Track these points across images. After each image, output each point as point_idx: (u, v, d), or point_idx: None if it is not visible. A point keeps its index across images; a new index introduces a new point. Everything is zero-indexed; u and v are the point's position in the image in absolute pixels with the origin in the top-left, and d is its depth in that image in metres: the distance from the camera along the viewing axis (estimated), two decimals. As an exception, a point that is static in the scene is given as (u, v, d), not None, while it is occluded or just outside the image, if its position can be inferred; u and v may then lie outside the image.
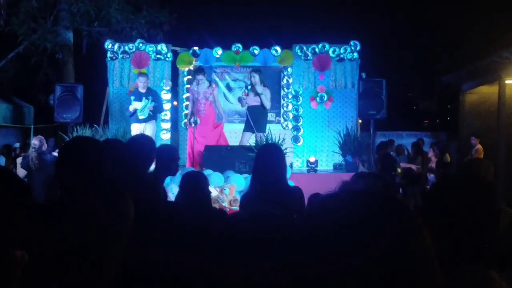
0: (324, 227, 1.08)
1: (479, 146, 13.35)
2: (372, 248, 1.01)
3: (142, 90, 10.95)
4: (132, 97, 10.95)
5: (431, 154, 14.01)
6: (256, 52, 12.58)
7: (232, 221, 4.47)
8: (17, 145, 15.71)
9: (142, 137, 4.98)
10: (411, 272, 1.01)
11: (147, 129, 11.05)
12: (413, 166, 12.81)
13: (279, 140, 9.99)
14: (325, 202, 1.15)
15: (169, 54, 12.45)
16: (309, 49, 12.29)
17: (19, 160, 11.36)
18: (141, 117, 10.92)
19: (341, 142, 10.79)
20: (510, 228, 4.29)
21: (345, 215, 1.07)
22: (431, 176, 13.16)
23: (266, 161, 4.27)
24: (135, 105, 10.81)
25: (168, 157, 4.69)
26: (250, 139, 10.93)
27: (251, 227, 4.13)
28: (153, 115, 11.03)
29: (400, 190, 13.01)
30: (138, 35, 15.23)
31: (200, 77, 11.17)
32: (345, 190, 1.22)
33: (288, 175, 8.59)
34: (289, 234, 1.22)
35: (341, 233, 1.04)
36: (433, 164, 13.32)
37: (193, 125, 10.98)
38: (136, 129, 10.79)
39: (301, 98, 12.35)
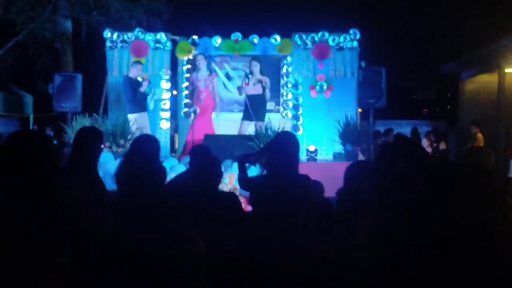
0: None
1: (479, 135, 13.36)
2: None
3: (139, 78, 11.11)
4: (147, 84, 11.14)
5: (426, 143, 13.95)
6: (255, 41, 12.55)
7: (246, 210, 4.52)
8: None
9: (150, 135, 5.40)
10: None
11: (146, 118, 11.17)
12: None
13: (278, 129, 10.00)
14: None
15: (168, 43, 12.43)
16: (309, 38, 12.28)
17: None
18: (151, 107, 11.25)
19: (340, 131, 10.79)
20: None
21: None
22: None
23: (283, 148, 4.28)
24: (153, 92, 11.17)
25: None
26: (249, 128, 10.95)
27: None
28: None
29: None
30: (137, 24, 15.17)
31: (200, 57, 11.31)
32: None
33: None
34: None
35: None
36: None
37: (192, 114, 11.06)
38: (139, 118, 10.86)
39: (300, 87, 12.35)
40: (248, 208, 5.11)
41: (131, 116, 10.97)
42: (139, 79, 11.22)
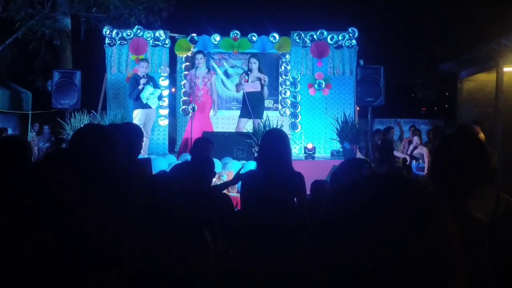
0: (346, 212, 1.04)
1: (481, 134, 13.34)
2: (396, 232, 0.97)
3: (142, 75, 10.96)
4: (144, 82, 10.93)
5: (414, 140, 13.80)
6: (254, 38, 12.57)
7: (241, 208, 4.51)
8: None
9: (131, 124, 5.05)
10: (436, 256, 0.97)
11: (152, 115, 11.11)
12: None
13: (277, 126, 10.01)
14: (347, 186, 1.11)
15: (167, 41, 12.43)
16: (307, 36, 12.29)
17: None
18: (153, 105, 11.08)
19: (338, 129, 10.80)
20: (506, 214, 4.33)
21: (369, 198, 1.03)
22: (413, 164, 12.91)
23: (271, 145, 4.32)
24: (149, 90, 10.90)
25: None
26: (247, 125, 10.96)
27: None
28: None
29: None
30: (136, 22, 15.15)
31: (199, 56, 11.28)
32: (367, 174, 1.17)
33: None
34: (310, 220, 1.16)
35: (364, 218, 1.00)
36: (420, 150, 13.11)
37: (190, 112, 11.07)
38: (142, 114, 10.82)
39: (299, 85, 12.36)
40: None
41: (135, 112, 10.98)
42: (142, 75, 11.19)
